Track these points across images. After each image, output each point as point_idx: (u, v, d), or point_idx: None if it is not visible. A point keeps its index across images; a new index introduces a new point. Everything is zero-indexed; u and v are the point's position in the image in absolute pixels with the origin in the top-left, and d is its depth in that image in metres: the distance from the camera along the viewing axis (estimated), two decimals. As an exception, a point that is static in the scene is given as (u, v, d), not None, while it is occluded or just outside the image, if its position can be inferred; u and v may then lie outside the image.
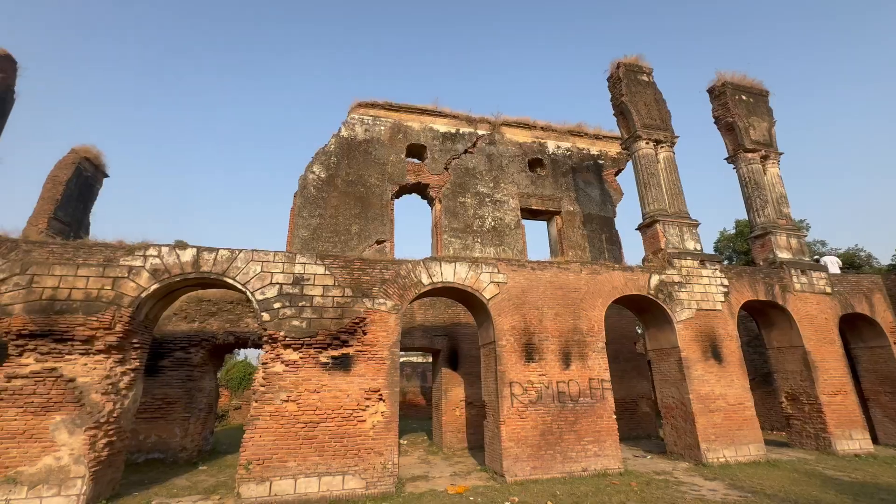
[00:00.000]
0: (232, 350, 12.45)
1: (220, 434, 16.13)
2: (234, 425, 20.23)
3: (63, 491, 6.43)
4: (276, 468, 7.24)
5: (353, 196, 14.34)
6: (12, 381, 6.74)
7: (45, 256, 7.41)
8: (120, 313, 7.42)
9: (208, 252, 8.16)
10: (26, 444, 6.52)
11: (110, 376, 7.25)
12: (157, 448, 10.41)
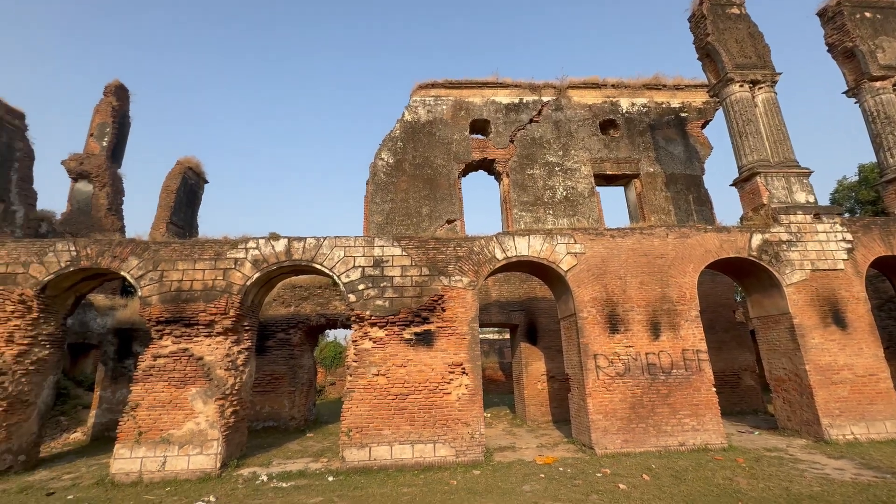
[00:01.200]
0: (324, 331, 13.56)
1: (320, 406, 17.82)
2: (331, 399, 22.20)
3: (204, 451, 7.60)
4: (374, 435, 7.84)
5: (420, 178, 14.59)
6: (157, 359, 8.02)
7: (169, 254, 8.61)
8: (231, 300, 8.42)
9: (297, 241, 8.88)
10: (173, 411, 7.77)
11: (229, 354, 8.31)
12: (271, 417, 11.82)
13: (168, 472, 7.43)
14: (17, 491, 7.04)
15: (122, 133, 22.34)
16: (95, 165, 20.41)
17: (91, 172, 20.19)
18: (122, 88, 22.59)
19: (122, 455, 7.48)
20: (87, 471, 8.12)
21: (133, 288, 21.89)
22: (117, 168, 21.75)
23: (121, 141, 22.17)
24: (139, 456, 7.48)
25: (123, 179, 21.71)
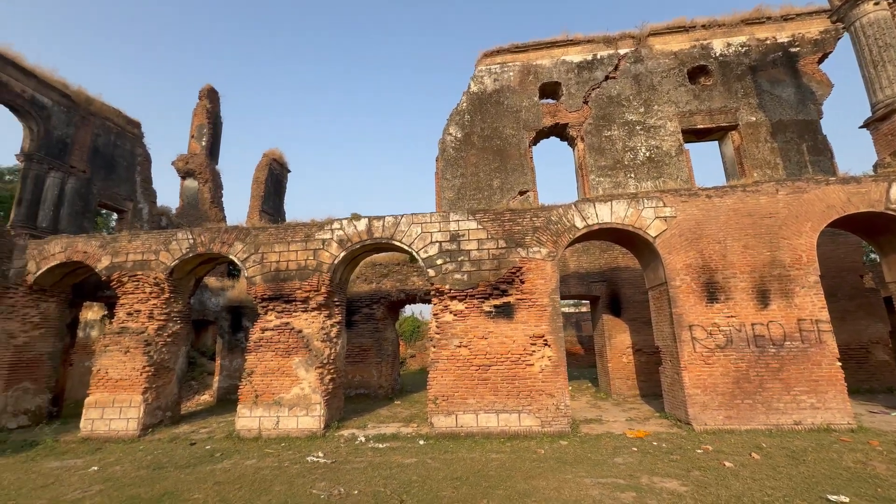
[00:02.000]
0: (403, 305, 14.16)
1: (403, 377, 18.85)
2: (412, 370, 23.39)
3: (309, 413, 8.45)
4: (459, 404, 8.12)
5: (490, 150, 14.31)
6: (265, 332, 8.98)
7: (267, 238, 9.47)
8: (322, 278, 9.08)
9: (377, 220, 9.24)
10: (281, 377, 8.71)
11: (324, 328, 9.03)
12: (361, 385, 12.77)
13: (281, 429, 8.40)
14: (168, 440, 8.45)
15: (216, 132, 24.70)
16: (198, 164, 22.86)
17: (195, 170, 22.68)
18: (213, 91, 24.81)
19: (244, 414, 8.59)
20: (217, 426, 9.47)
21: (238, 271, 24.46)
22: (215, 164, 24.17)
23: (216, 139, 24.54)
24: (257, 415, 8.54)
25: (221, 174, 24.12)
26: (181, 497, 5.28)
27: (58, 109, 16.62)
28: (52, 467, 6.86)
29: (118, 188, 19.10)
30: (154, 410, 9.20)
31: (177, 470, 6.46)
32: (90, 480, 6.08)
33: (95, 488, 5.71)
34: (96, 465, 6.81)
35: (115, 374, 9.13)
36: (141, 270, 9.61)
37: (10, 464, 7.12)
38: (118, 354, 9.22)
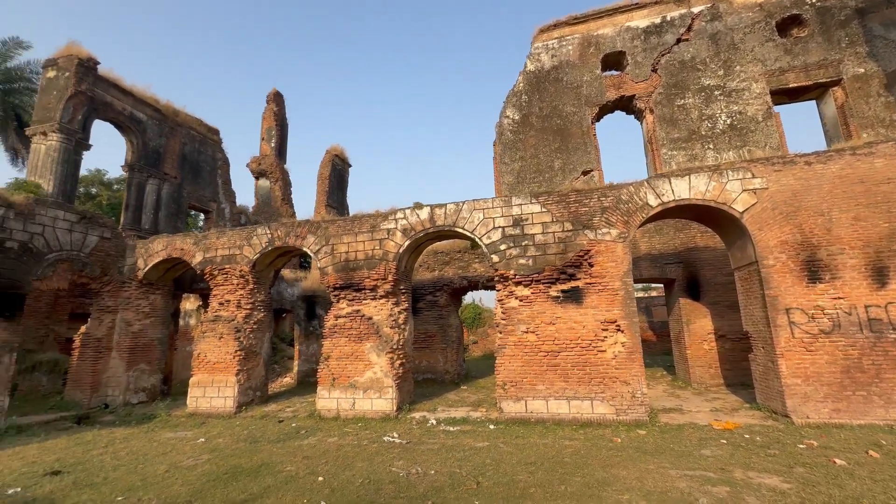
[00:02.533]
0: (466, 292, 14.25)
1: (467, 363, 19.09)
2: (475, 357, 23.60)
3: (382, 396, 8.84)
4: (528, 390, 8.04)
5: (549, 131, 13.78)
6: (338, 319, 9.49)
7: (336, 230, 9.94)
8: (388, 266, 9.37)
9: (438, 208, 9.31)
10: (355, 362, 9.18)
11: (392, 314, 9.35)
12: (428, 370, 13.12)
13: (357, 410, 8.88)
14: (259, 418, 9.28)
15: (283, 133, 26.23)
16: (269, 164, 24.45)
17: (267, 170, 24.30)
18: (278, 95, 26.30)
19: (323, 396, 9.20)
20: (300, 406, 10.23)
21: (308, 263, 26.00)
22: (283, 163, 25.71)
23: (283, 140, 26.07)
24: (335, 397, 9.10)
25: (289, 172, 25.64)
26: (276, 468, 5.79)
27: (151, 123, 18.58)
28: (168, 437, 7.84)
29: (203, 191, 21.07)
30: (246, 390, 10.14)
31: (270, 444, 7.09)
32: (199, 450, 6.86)
33: (204, 457, 6.43)
34: (203, 438, 7.67)
35: (213, 357, 10.17)
36: (228, 264, 10.55)
37: (136, 433, 8.25)
38: (214, 340, 10.25)
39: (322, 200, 23.17)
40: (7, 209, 9.18)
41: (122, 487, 5.21)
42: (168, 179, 18.98)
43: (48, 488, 5.24)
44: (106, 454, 6.75)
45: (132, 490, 5.11)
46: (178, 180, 19.47)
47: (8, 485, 5.43)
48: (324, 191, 23.18)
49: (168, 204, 18.82)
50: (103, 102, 16.42)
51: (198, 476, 5.56)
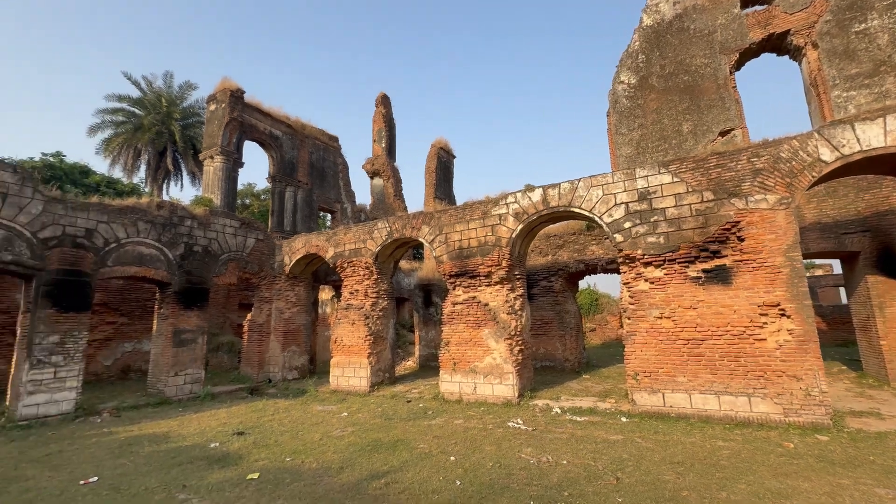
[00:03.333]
0: (582, 277, 13.44)
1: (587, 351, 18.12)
2: (594, 345, 22.31)
3: (503, 381, 8.84)
4: (665, 382, 7.23)
5: (675, 90, 12.09)
6: (455, 306, 9.73)
7: (448, 219, 10.16)
8: (501, 252, 9.26)
9: (552, 188, 8.86)
10: (474, 347, 9.33)
11: (507, 300, 9.24)
12: (546, 358, 12.77)
13: (479, 395, 9.03)
14: (390, 397, 10.06)
15: (392, 133, 27.81)
16: (381, 164, 26.17)
17: (380, 170, 26.05)
18: (386, 97, 27.89)
19: (445, 379, 9.55)
20: (425, 388, 10.81)
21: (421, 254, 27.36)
22: (393, 161, 27.30)
23: (392, 139, 27.67)
24: (457, 381, 9.38)
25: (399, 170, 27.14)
26: (410, 444, 6.16)
27: (285, 138, 21.31)
28: (318, 410, 8.95)
29: (329, 193, 23.54)
30: (377, 372, 11.08)
31: (402, 422, 7.61)
32: (344, 423, 7.68)
33: (349, 430, 7.17)
34: (345, 412, 8.58)
35: (347, 341, 11.31)
36: (355, 257, 11.57)
37: (294, 405, 9.62)
38: (347, 325, 11.39)
39: (430, 193, 24.06)
40: (192, 220, 11.38)
41: (288, 450, 6.08)
42: (301, 186, 21.64)
43: (237, 445, 6.38)
44: (273, 421, 7.98)
45: (296, 453, 5.93)
46: (308, 186, 22.07)
47: (210, 440, 6.75)
48: (431, 183, 24.02)
49: (302, 207, 21.48)
50: (250, 125, 19.34)
51: (346, 445, 6.21)
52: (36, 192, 8.74)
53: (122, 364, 13.87)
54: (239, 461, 5.63)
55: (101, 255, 9.52)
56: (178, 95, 25.54)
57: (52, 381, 8.49)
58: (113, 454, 6.11)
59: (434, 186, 24.13)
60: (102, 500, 4.46)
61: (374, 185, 26.87)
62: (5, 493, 4.78)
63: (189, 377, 10.79)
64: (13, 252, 8.29)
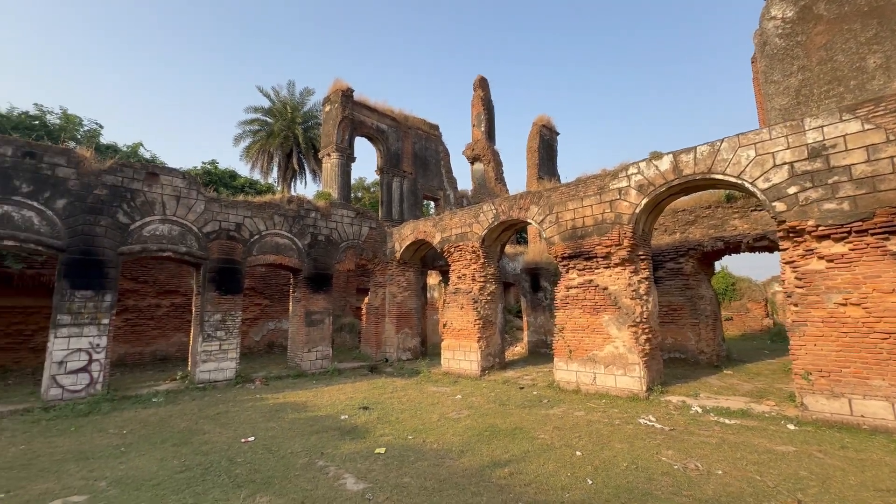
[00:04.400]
0: (720, 257, 11.55)
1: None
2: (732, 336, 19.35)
3: (627, 373, 8.00)
4: (854, 385, 5.74)
5: (853, 16, 9.45)
6: (569, 290, 9.08)
7: (559, 197, 9.47)
8: (623, 230, 8.31)
9: (685, 153, 7.61)
10: (592, 335, 8.61)
11: (630, 284, 8.30)
12: (675, 349, 11.33)
13: (599, 386, 8.33)
14: (501, 382, 9.89)
15: (490, 115, 27.29)
16: (481, 148, 25.91)
17: (480, 154, 25.82)
18: (484, 80, 27.42)
19: (560, 367, 9.02)
20: (537, 375, 10.41)
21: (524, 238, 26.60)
22: (493, 145, 26.82)
23: (490, 122, 27.17)
24: (573, 370, 8.79)
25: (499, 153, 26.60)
26: (529, 434, 5.87)
27: (391, 131, 22.27)
28: (433, 391, 9.18)
29: (432, 182, 24.08)
30: (487, 356, 11.00)
31: (517, 408, 7.36)
32: (459, 406, 7.71)
33: (465, 413, 7.16)
34: (459, 395, 8.64)
35: (457, 324, 11.41)
36: (462, 241, 11.55)
37: (410, 384, 10.04)
38: (456, 309, 11.48)
39: (533, 174, 23.11)
40: (316, 212, 12.49)
41: (409, 428, 6.26)
42: (406, 176, 22.51)
43: (363, 419, 6.80)
44: (393, 399, 8.38)
45: (417, 432, 6.07)
46: (413, 175, 22.85)
47: (340, 412, 7.32)
48: (534, 163, 23.04)
49: (408, 196, 22.34)
50: (359, 121, 20.61)
51: (464, 429, 6.18)
52: (199, 194, 10.36)
53: (268, 340, 16.07)
54: (366, 434, 5.96)
55: (248, 245, 10.97)
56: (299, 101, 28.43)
57: (217, 352, 10.10)
58: (265, 418, 6.98)
59: (537, 166, 23.10)
60: (259, 458, 5.05)
61: (474, 170, 26.79)
62: (190, 442, 5.74)
63: (319, 353, 11.98)
64: (186, 244, 9.98)
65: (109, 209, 9.00)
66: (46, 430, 6.40)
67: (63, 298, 8.27)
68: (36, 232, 8.16)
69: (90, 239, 8.68)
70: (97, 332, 8.51)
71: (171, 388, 9.37)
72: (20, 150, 8.17)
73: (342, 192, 19.12)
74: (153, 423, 6.82)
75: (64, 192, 8.52)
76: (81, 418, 7.12)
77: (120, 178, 9.24)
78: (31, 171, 8.21)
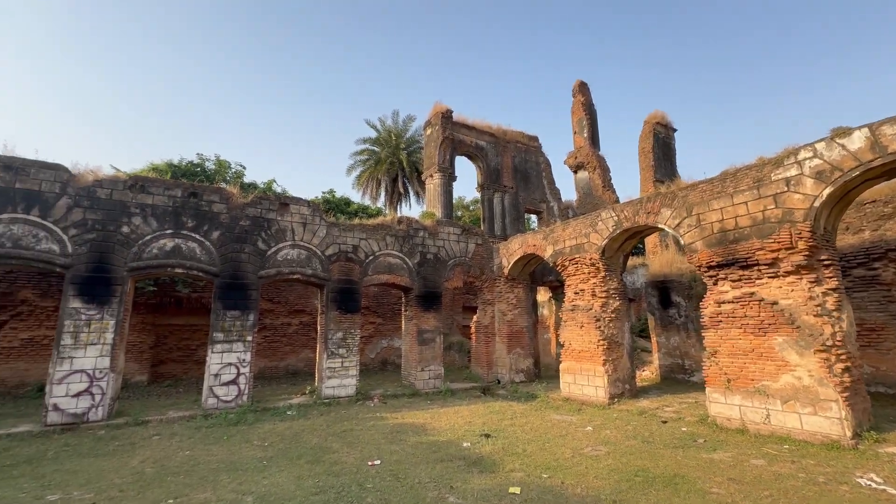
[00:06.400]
0: (936, 260, 8.71)
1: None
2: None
3: (819, 412, 6.22)
4: None
5: None
6: (721, 305, 7.55)
7: (699, 196, 8.07)
8: (796, 230, 6.65)
9: (888, 125, 5.82)
10: (759, 361, 6.96)
11: (812, 297, 6.54)
12: (877, 380, 8.73)
13: (775, 426, 6.63)
14: (636, 413, 8.56)
15: (593, 120, 25.68)
16: (585, 155, 24.41)
17: (584, 162, 24.33)
18: (583, 85, 26.07)
19: (716, 399, 7.46)
20: (680, 407, 8.82)
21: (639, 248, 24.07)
22: (598, 151, 25.09)
23: (594, 127, 25.54)
24: (735, 403, 7.18)
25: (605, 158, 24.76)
26: (696, 485, 4.74)
27: (489, 147, 22.16)
28: (556, 419, 8.29)
29: (533, 194, 23.24)
30: (615, 381, 9.72)
31: (667, 449, 6.14)
32: (593, 440, 6.74)
33: (602, 449, 6.20)
34: (589, 426, 7.62)
35: (577, 345, 10.36)
36: (577, 253, 10.58)
37: (528, 410, 9.26)
38: (575, 328, 10.46)
39: (648, 177, 20.89)
40: (424, 231, 12.65)
41: (541, 464, 5.55)
42: (507, 191, 22.06)
43: (488, 449, 6.26)
44: (514, 426, 7.71)
45: (551, 469, 5.33)
46: (513, 190, 22.31)
47: (461, 438, 6.91)
48: (648, 165, 20.85)
49: (510, 211, 21.81)
50: (459, 141, 20.89)
51: (606, 470, 5.26)
52: (322, 219, 11.16)
53: (381, 357, 16.64)
54: (494, 468, 5.41)
55: (364, 265, 11.46)
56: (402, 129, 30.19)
57: (340, 369, 10.56)
58: (387, 439, 6.87)
59: (652, 168, 20.83)
60: (387, 486, 4.82)
61: (578, 179, 25.29)
62: (322, 461, 5.80)
63: (432, 373, 11.88)
64: (312, 267, 10.75)
65: (251, 237, 10.11)
66: (205, 438, 7.11)
67: (217, 318, 9.39)
68: (198, 260, 9.46)
69: (237, 265, 9.80)
70: (243, 348, 9.47)
71: (301, 402, 9.98)
72: (186, 192, 9.64)
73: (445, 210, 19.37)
74: (288, 436, 7.17)
75: (217, 225, 9.79)
76: (231, 427, 7.82)
77: (259, 210, 10.36)
78: (193, 209, 9.61)
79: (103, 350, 8.23)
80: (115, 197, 8.92)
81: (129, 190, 9.09)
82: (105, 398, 8.10)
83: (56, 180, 8.46)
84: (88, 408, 7.92)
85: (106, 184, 8.91)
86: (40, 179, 8.31)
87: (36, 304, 11.87)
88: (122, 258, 8.74)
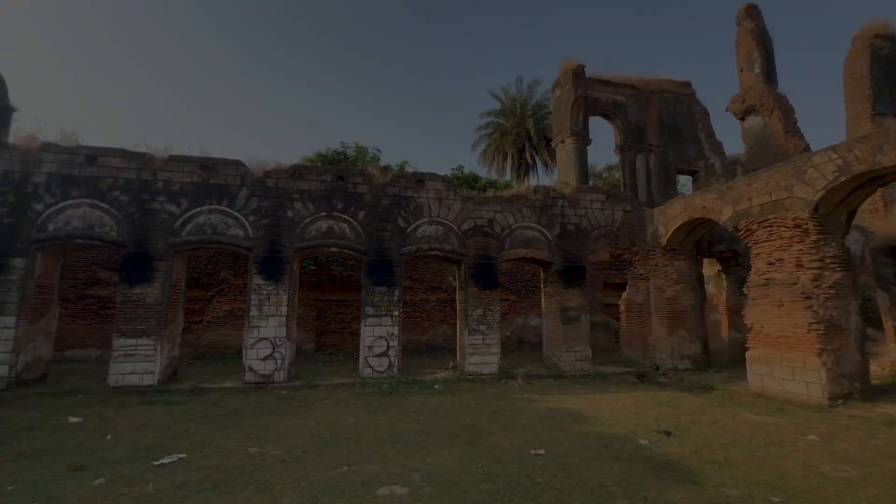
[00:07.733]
0: None
1: None
2: None
3: None
4: None
5: None
6: None
7: None
8: None
9: None
10: None
11: None
12: None
13: None
14: (883, 423, 6.32)
15: (768, 52, 20.47)
16: (756, 96, 19.74)
17: (755, 105, 19.69)
18: (752, 7, 20.96)
19: None
20: (958, 420, 6.25)
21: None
22: (775, 88, 20.03)
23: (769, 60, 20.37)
24: None
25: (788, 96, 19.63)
26: None
27: (629, 102, 19.33)
28: (754, 421, 6.61)
29: (687, 151, 19.64)
30: (837, 378, 7.41)
31: (970, 484, 4.21)
32: (825, 454, 5.05)
33: (849, 470, 4.55)
34: (813, 435, 5.81)
35: (772, 329, 8.21)
36: (772, 213, 8.29)
37: (709, 405, 7.67)
38: (769, 308, 8.28)
39: (862, 111, 15.74)
40: (563, 200, 11.50)
41: (760, 481, 4.27)
42: (652, 150, 19.04)
43: (675, 451, 5.14)
44: (700, 425, 6.35)
45: (780, 491, 4.03)
46: (661, 148, 19.15)
47: (633, 432, 5.91)
48: (863, 95, 15.70)
49: (657, 174, 18.83)
50: (593, 99, 18.66)
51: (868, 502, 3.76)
52: (456, 193, 10.91)
53: (517, 335, 16.15)
54: (695, 479, 4.33)
55: (500, 240, 10.91)
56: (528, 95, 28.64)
57: (481, 346, 10.32)
58: (544, 426, 6.26)
59: (869, 99, 15.56)
60: (561, 483, 4.19)
61: (747, 127, 20.65)
62: (480, 442, 5.47)
63: (578, 354, 10.88)
64: (449, 242, 10.62)
65: (392, 216, 10.37)
66: (367, 406, 7.50)
67: (367, 293, 9.91)
68: (348, 239, 10.08)
69: (381, 243, 10.18)
70: (391, 322, 9.85)
71: (446, 376, 10.05)
72: (335, 176, 10.27)
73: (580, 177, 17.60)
74: (441, 411, 7.11)
75: (362, 206, 10.26)
76: (386, 397, 8.16)
77: (397, 189, 10.55)
78: (342, 191, 10.22)
79: (280, 321, 9.35)
80: (279, 185, 9.95)
81: (290, 178, 10.04)
82: (284, 363, 9.22)
83: (237, 174, 9.75)
84: (273, 370, 9.11)
85: (272, 174, 9.98)
86: (225, 175, 9.68)
87: (232, 282, 14.37)
88: (289, 240, 9.75)
